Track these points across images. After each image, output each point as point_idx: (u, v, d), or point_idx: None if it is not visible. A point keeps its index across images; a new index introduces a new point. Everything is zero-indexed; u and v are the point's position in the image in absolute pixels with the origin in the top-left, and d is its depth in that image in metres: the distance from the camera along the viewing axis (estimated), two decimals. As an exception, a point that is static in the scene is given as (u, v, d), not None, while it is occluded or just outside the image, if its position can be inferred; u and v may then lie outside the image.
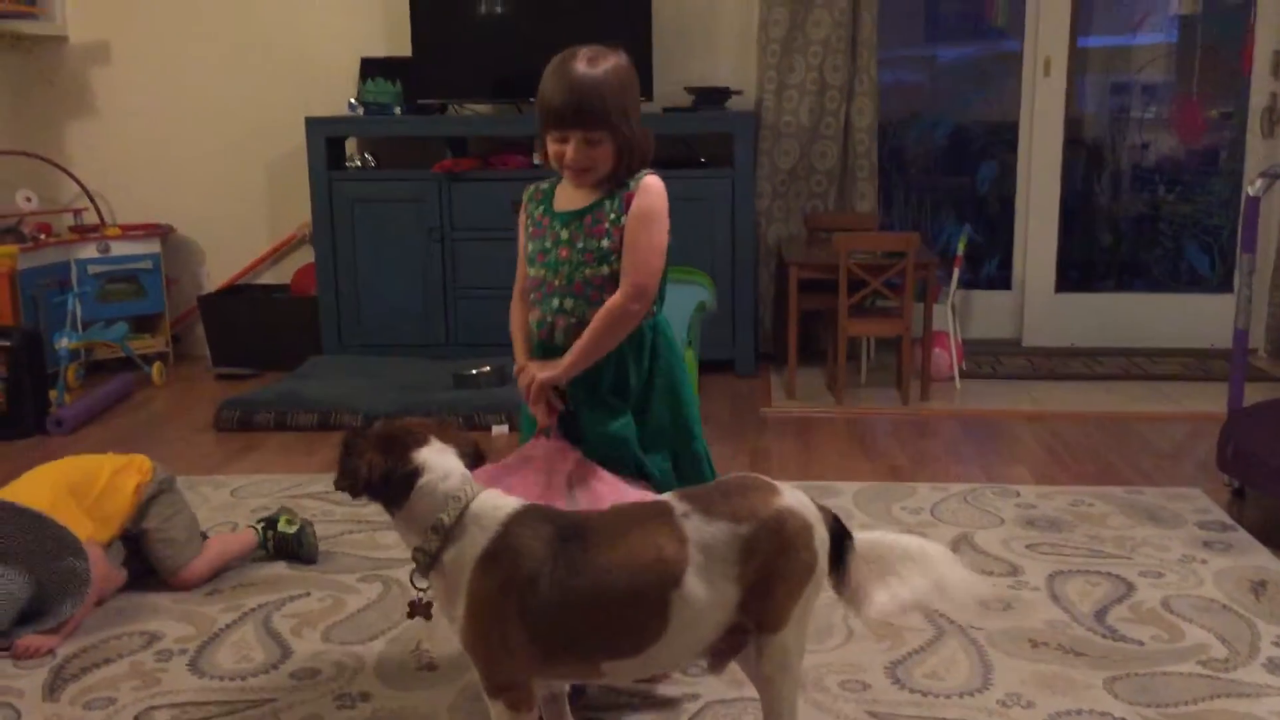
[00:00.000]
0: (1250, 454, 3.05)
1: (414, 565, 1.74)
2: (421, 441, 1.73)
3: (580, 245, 2.04)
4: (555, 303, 2.07)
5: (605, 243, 2.02)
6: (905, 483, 3.41)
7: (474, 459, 1.79)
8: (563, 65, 2.00)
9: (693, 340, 3.87)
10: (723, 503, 1.73)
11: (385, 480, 1.70)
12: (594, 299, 2.03)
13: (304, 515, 2.96)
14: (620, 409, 2.08)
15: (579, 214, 2.05)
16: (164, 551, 2.67)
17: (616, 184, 2.04)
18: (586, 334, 2.01)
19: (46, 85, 5.20)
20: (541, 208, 2.12)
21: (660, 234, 2.04)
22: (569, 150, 2.00)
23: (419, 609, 1.82)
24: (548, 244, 2.08)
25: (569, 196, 2.09)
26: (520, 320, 2.16)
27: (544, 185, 2.16)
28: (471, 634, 1.68)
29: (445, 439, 1.75)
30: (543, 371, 2.03)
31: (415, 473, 1.70)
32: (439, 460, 1.72)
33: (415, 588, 1.77)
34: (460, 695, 2.18)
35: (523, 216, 2.16)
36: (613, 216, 2.03)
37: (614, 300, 2.01)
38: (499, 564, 1.66)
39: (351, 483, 1.71)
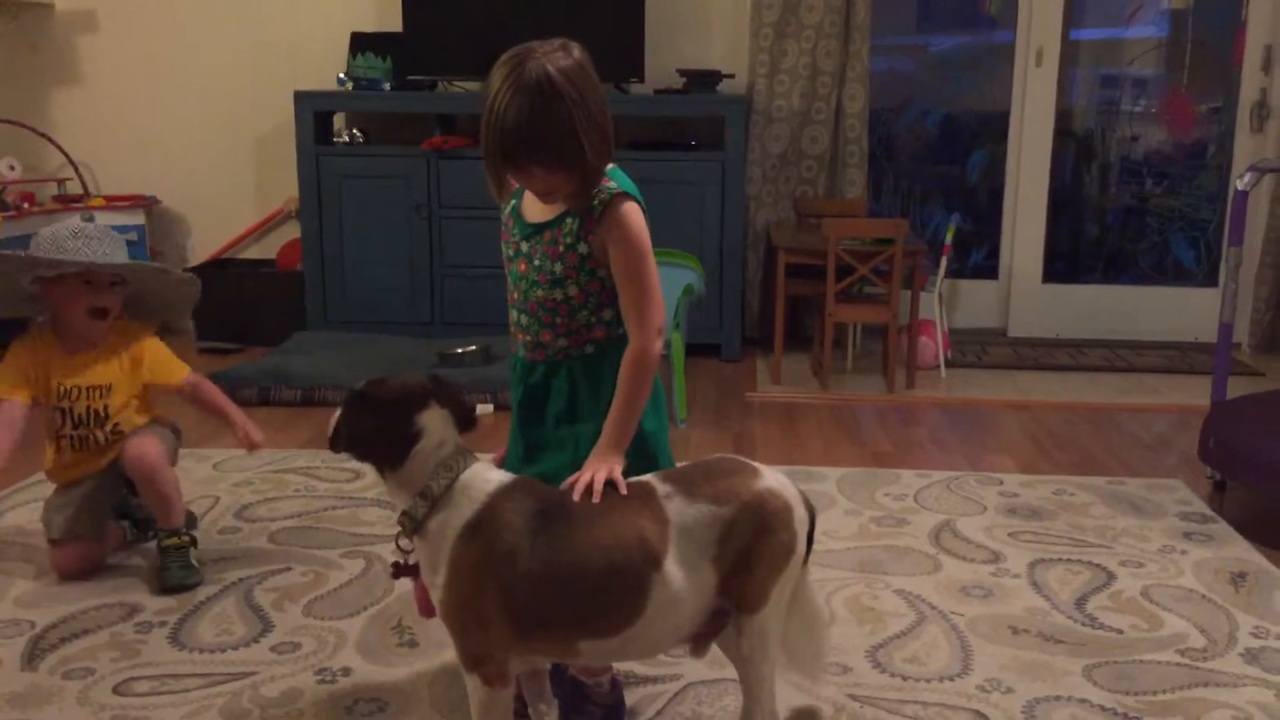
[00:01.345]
0: (1232, 446, 3.07)
1: (399, 529, 1.74)
2: (422, 405, 1.72)
3: (536, 263, 1.84)
4: (514, 315, 1.91)
5: (558, 266, 1.82)
6: (889, 469, 3.42)
7: (466, 424, 1.78)
8: (494, 98, 1.71)
9: (680, 323, 3.87)
10: (705, 484, 1.73)
11: (384, 442, 1.70)
12: (546, 322, 1.86)
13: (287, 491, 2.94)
14: (564, 439, 1.90)
15: (540, 228, 1.85)
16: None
17: (583, 199, 1.81)
18: (620, 401, 1.81)
19: (32, 52, 5.15)
20: (512, 204, 1.92)
21: (652, 267, 1.83)
22: (538, 185, 1.79)
23: (403, 570, 1.81)
24: (510, 252, 1.90)
25: (536, 204, 1.87)
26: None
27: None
28: (449, 604, 1.68)
29: (443, 403, 1.74)
30: (605, 467, 1.75)
31: (413, 437, 1.70)
32: (437, 426, 1.72)
33: (400, 549, 1.77)
34: (441, 672, 2.18)
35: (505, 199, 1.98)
36: (569, 240, 1.81)
37: (635, 349, 1.81)
38: (480, 536, 1.66)
39: (349, 444, 1.71)
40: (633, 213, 1.81)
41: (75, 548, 2.59)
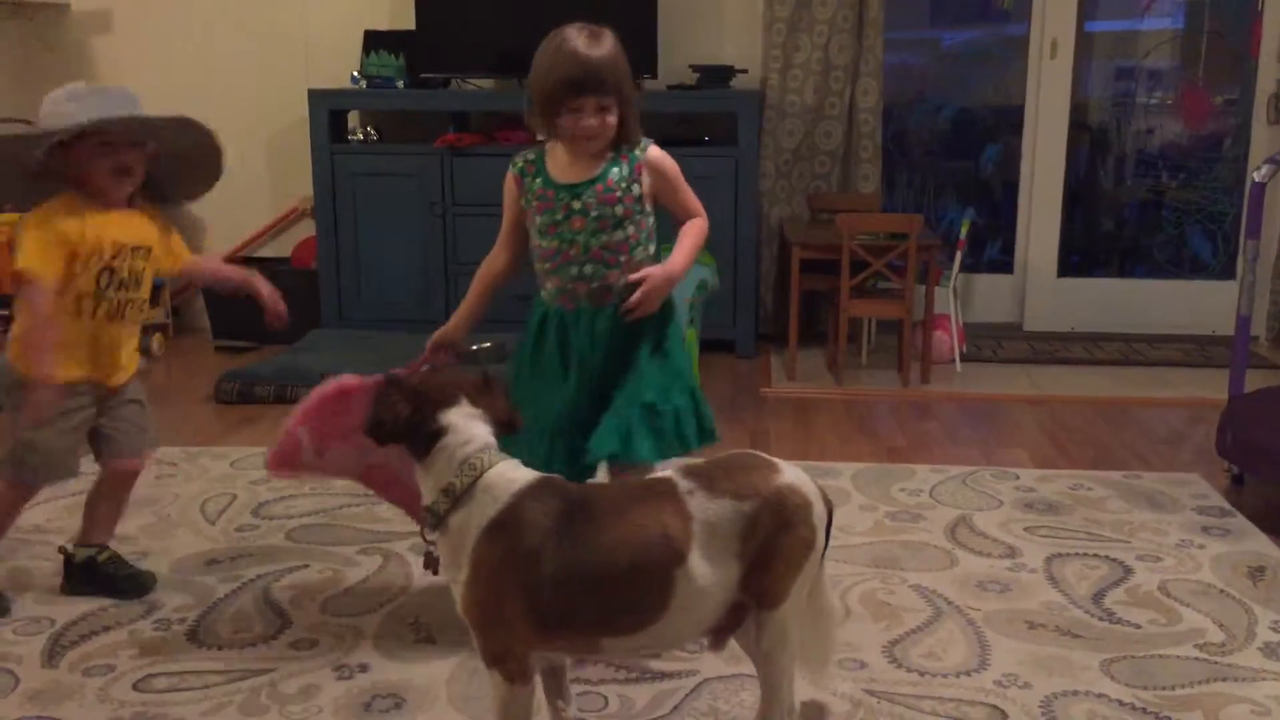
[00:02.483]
0: (1250, 440, 3.06)
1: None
2: (452, 401, 1.73)
3: (594, 214, 2.14)
4: (574, 270, 2.16)
5: (619, 209, 2.15)
6: (904, 464, 3.42)
7: (505, 427, 1.78)
8: (567, 40, 2.09)
9: (694, 320, 3.86)
10: (725, 480, 1.73)
11: (409, 434, 1.71)
12: (611, 262, 2.16)
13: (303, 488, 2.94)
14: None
15: (588, 184, 2.14)
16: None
17: (615, 152, 2.17)
18: (688, 243, 2.20)
19: (47, 53, 5.17)
20: (539, 181, 2.18)
21: (687, 186, 2.25)
22: (584, 118, 2.09)
23: (433, 562, 1.82)
24: (559, 215, 2.15)
25: (568, 167, 2.17)
26: (485, 275, 2.29)
27: (529, 156, 2.22)
28: (471, 601, 1.69)
29: (478, 403, 1.75)
30: (662, 270, 2.14)
31: (438, 433, 1.71)
32: (464, 424, 1.72)
33: (426, 541, 1.78)
34: (458, 668, 2.19)
35: (513, 187, 2.23)
36: (624, 186, 2.15)
37: (697, 221, 2.23)
38: (504, 535, 1.66)
39: (378, 431, 1.72)
40: (664, 153, 2.23)
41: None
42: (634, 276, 2.13)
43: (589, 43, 2.09)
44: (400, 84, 4.83)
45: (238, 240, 5.25)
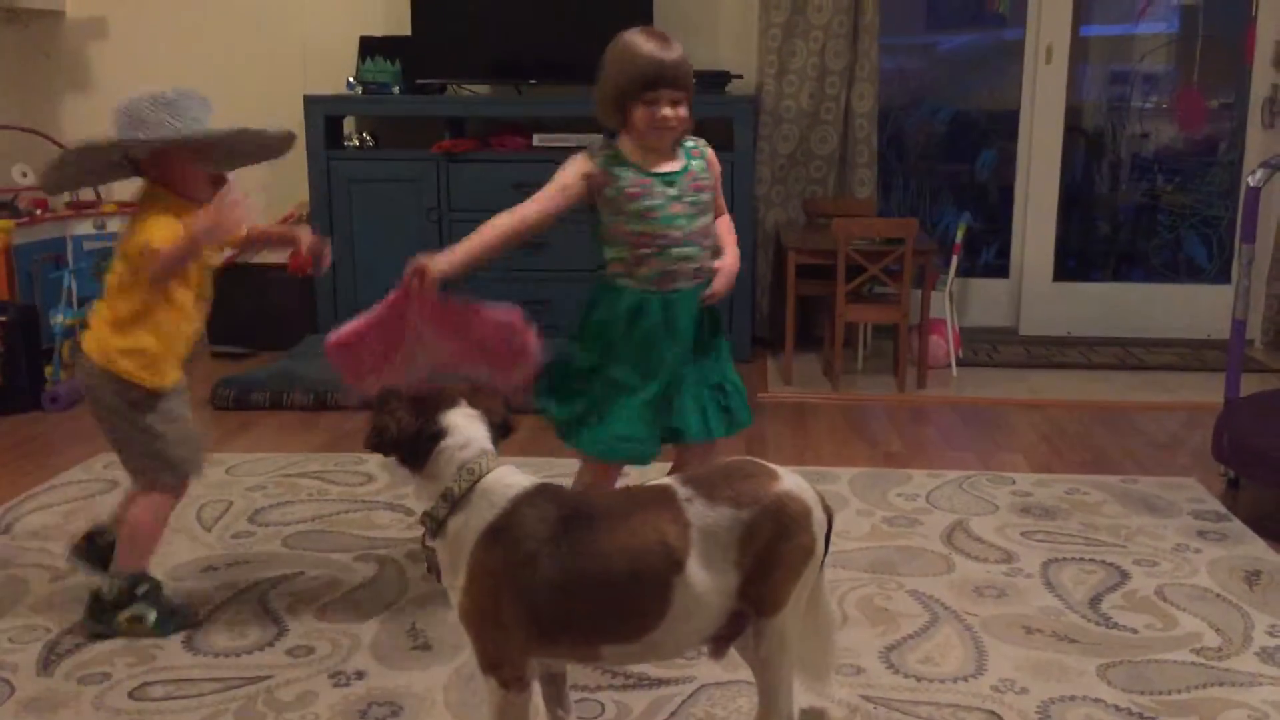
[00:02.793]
0: (1246, 444, 3.06)
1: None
2: (452, 404, 1.73)
3: (689, 199, 2.31)
4: (675, 253, 2.29)
5: (705, 196, 2.35)
6: (901, 469, 3.42)
7: (502, 430, 1.79)
8: (640, 40, 2.24)
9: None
10: (724, 487, 1.73)
11: (411, 439, 1.71)
12: (704, 246, 2.35)
13: (300, 495, 2.93)
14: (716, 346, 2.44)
15: (680, 173, 2.32)
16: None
17: (683, 147, 2.35)
18: (733, 239, 2.43)
19: (43, 60, 5.17)
20: (629, 170, 2.28)
21: None
22: (665, 110, 2.23)
23: (435, 567, 1.82)
24: (657, 201, 2.28)
25: (652, 158, 2.30)
26: (508, 224, 2.30)
27: (607, 150, 2.31)
28: (468, 607, 1.68)
29: (477, 405, 1.75)
30: (735, 258, 2.41)
31: (438, 434, 1.71)
32: (463, 426, 1.73)
33: (426, 548, 1.78)
34: (455, 675, 2.18)
35: (585, 171, 2.29)
36: (704, 177, 2.36)
37: (727, 218, 2.46)
38: (501, 541, 1.66)
39: (379, 440, 1.72)
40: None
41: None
42: (716, 265, 2.35)
43: (661, 43, 2.24)
44: (396, 90, 4.83)
45: (233, 247, 5.24)
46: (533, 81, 4.86)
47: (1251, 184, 3.25)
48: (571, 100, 4.83)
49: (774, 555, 1.71)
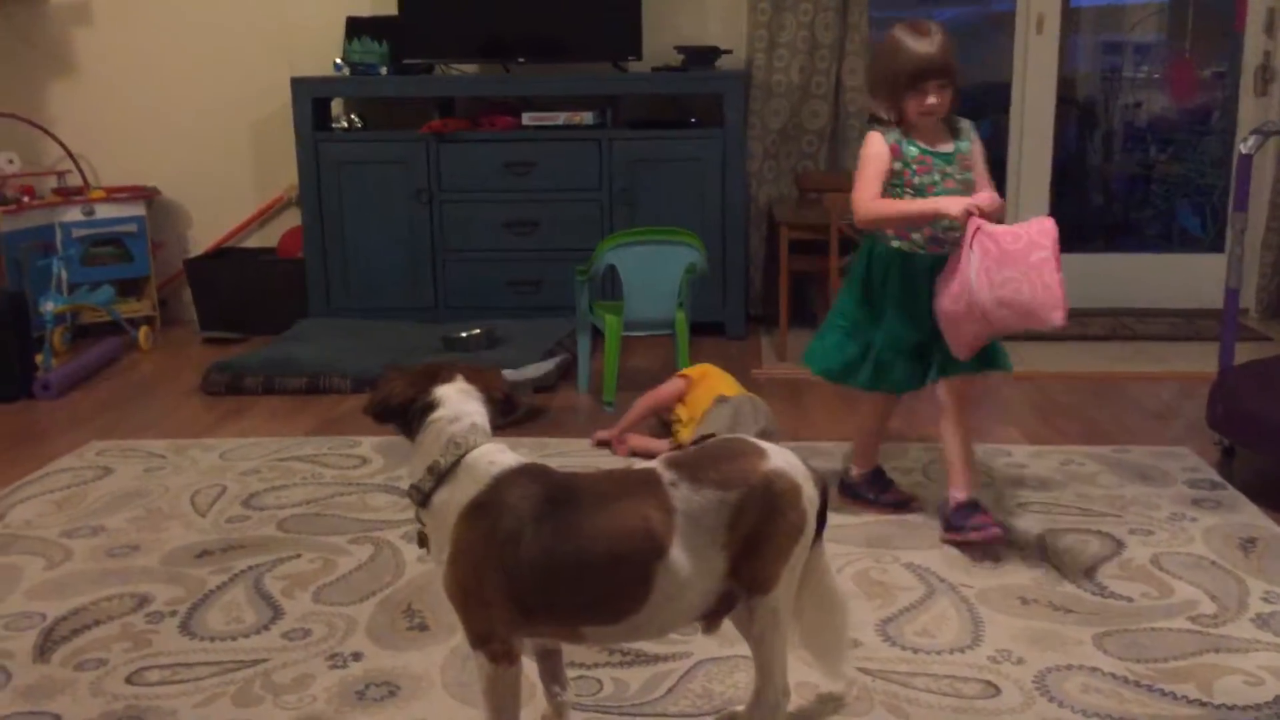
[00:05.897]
0: (1240, 412, 3.06)
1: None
2: (449, 379, 1.73)
3: (959, 176, 2.64)
4: (946, 222, 2.59)
5: (971, 175, 2.66)
6: (897, 443, 3.41)
7: (504, 408, 1.78)
8: (912, 34, 2.53)
9: (683, 302, 3.85)
10: (711, 469, 1.72)
11: (405, 408, 1.72)
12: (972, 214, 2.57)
13: (294, 478, 2.93)
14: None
15: (953, 153, 2.64)
16: None
17: (952, 126, 2.65)
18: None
19: (27, 46, 5.13)
20: (915, 148, 2.61)
21: None
22: (928, 98, 2.53)
23: (425, 541, 1.81)
24: (936, 177, 2.62)
25: (930, 137, 2.62)
26: (887, 202, 2.62)
27: (891, 131, 2.62)
28: (452, 580, 1.68)
29: (474, 380, 1.75)
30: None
31: (430, 406, 1.71)
32: (455, 400, 1.72)
33: (417, 520, 1.77)
34: (452, 655, 2.18)
35: (888, 149, 2.60)
36: (970, 157, 2.66)
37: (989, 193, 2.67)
38: (483, 516, 1.65)
39: (378, 408, 1.74)
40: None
41: None
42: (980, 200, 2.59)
43: (925, 37, 2.52)
44: (384, 70, 4.80)
45: (223, 231, 5.23)
46: (521, 60, 4.83)
47: (1244, 151, 3.23)
48: (560, 78, 4.82)
49: (762, 535, 1.70)
